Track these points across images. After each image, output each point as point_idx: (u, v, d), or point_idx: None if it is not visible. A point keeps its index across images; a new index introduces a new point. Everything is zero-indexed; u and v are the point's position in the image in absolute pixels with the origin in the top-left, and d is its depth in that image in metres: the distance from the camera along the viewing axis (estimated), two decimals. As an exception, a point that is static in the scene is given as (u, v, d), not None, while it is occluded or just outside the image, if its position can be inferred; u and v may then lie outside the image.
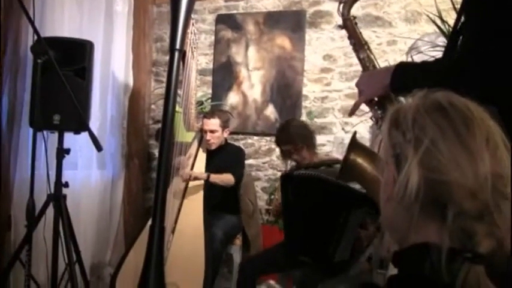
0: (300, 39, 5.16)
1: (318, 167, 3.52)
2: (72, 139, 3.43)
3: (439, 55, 2.57)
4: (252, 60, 5.33)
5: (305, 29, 5.16)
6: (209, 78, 5.52)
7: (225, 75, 5.43)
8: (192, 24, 3.84)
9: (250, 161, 5.14)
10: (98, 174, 4.64)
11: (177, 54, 1.21)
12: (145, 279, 1.15)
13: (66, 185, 3.21)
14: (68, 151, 3.23)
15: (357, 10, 2.12)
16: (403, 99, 1.02)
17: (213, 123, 4.19)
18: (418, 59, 3.74)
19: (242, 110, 5.34)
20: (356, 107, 1.97)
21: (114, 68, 4.85)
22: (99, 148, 2.95)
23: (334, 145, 4.95)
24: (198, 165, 4.13)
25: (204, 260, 3.48)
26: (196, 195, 3.95)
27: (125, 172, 5.10)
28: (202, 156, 4.22)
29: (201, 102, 5.21)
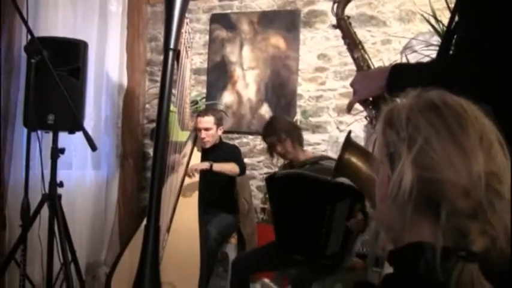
0: (294, 38, 5.16)
1: (303, 166, 3.55)
2: (67, 139, 3.43)
3: (433, 54, 2.58)
4: (246, 60, 5.33)
5: (299, 28, 5.16)
6: (204, 77, 5.51)
7: (219, 74, 5.43)
8: (187, 23, 3.84)
9: (245, 160, 5.12)
10: (93, 174, 4.64)
11: (171, 53, 1.21)
12: (140, 279, 1.15)
13: (61, 184, 3.21)
14: (62, 151, 3.22)
15: (351, 9, 2.12)
16: (397, 99, 1.03)
17: (207, 121, 4.17)
18: (412, 58, 3.75)
19: (237, 109, 5.34)
20: (351, 106, 1.97)
21: (108, 67, 4.84)
22: (93, 148, 2.95)
23: (328, 144, 4.95)
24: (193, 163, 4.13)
25: (200, 259, 3.48)
26: (191, 193, 3.95)
27: (119, 172, 5.09)
28: (197, 156, 4.22)
29: (195, 102, 5.20)
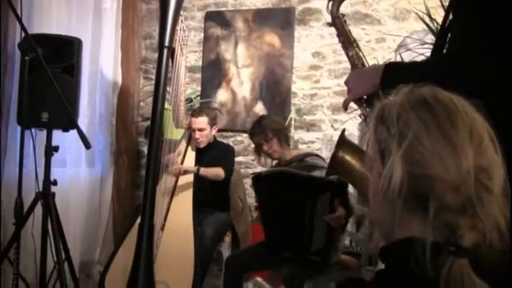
0: (289, 36, 5.16)
1: (289, 164, 3.56)
2: (61, 137, 3.41)
3: (428, 53, 2.59)
4: (241, 58, 5.32)
5: (294, 26, 5.16)
6: (198, 75, 5.51)
7: (214, 72, 5.42)
8: (181, 21, 3.83)
9: (239, 158, 5.13)
10: (87, 171, 4.62)
11: (166, 51, 1.21)
12: (134, 277, 1.14)
13: (54, 182, 3.19)
14: (56, 149, 3.21)
15: (346, 8, 2.12)
16: (391, 96, 1.03)
17: (200, 122, 4.15)
18: (406, 56, 3.76)
19: (231, 107, 5.33)
20: (346, 104, 1.97)
21: (102, 65, 4.83)
22: (87, 146, 2.94)
23: (323, 142, 4.95)
24: (188, 163, 4.12)
25: (194, 257, 3.48)
26: (185, 192, 3.94)
27: (113, 170, 5.08)
28: (191, 155, 4.21)
29: (190, 100, 5.19)
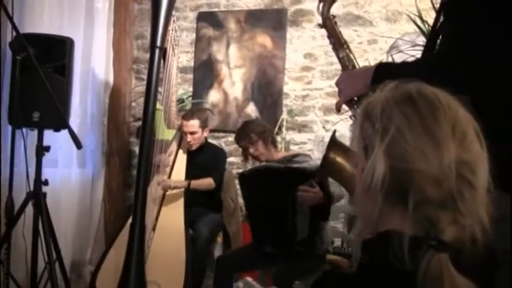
0: (281, 37, 5.16)
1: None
2: (52, 137, 3.40)
3: (419, 54, 2.59)
4: (233, 58, 5.32)
5: (286, 27, 5.16)
6: (190, 76, 5.51)
7: (206, 73, 5.42)
8: (173, 21, 3.83)
9: (231, 159, 5.13)
10: (78, 172, 4.61)
11: (157, 51, 1.21)
12: (126, 278, 1.14)
13: (46, 182, 3.18)
14: (47, 148, 3.20)
15: (337, 9, 2.13)
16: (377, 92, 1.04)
17: (192, 125, 4.13)
18: (398, 58, 3.78)
19: (223, 108, 5.33)
20: (339, 106, 1.97)
21: (94, 65, 4.82)
22: (79, 146, 2.94)
23: (314, 143, 4.96)
24: (179, 165, 4.11)
25: (185, 257, 3.48)
26: (177, 192, 3.94)
27: (105, 170, 5.07)
28: (183, 157, 4.20)
29: (182, 100, 5.19)
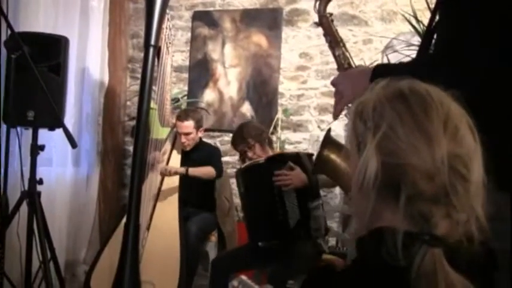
0: (276, 37, 5.16)
1: None
2: (47, 135, 3.39)
3: (414, 54, 2.60)
4: (228, 58, 5.32)
5: (282, 26, 5.16)
6: (185, 75, 5.50)
7: (201, 72, 5.41)
8: (168, 19, 3.82)
9: (226, 158, 5.12)
10: (73, 171, 4.61)
11: (152, 50, 1.21)
12: (120, 277, 1.14)
13: (40, 181, 3.17)
14: (42, 148, 3.19)
15: (333, 9, 2.13)
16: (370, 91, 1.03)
17: (187, 126, 4.10)
18: (393, 58, 3.79)
19: (218, 107, 5.33)
20: (339, 110, 1.95)
21: (89, 64, 4.82)
22: (73, 145, 2.93)
23: (309, 143, 4.97)
24: (174, 164, 4.09)
25: (180, 256, 3.48)
26: (171, 191, 3.93)
27: (100, 169, 5.06)
28: (177, 157, 4.19)
29: (177, 99, 5.18)
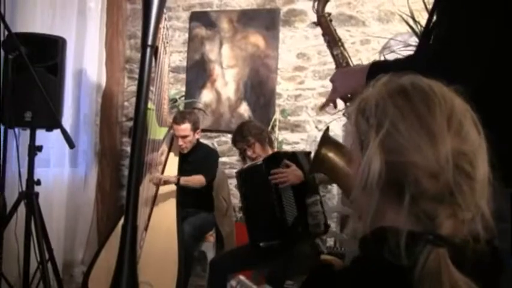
0: (273, 37, 5.16)
1: None
2: (44, 136, 3.39)
3: (411, 54, 2.60)
4: (225, 58, 5.32)
5: (279, 27, 5.16)
6: (183, 75, 5.50)
7: (198, 72, 5.41)
8: (165, 19, 3.82)
9: (223, 159, 5.12)
10: (70, 171, 4.60)
11: (149, 50, 1.21)
12: (118, 278, 1.14)
13: (38, 182, 3.17)
14: (40, 148, 3.19)
15: (330, 9, 2.13)
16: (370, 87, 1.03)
17: (183, 129, 4.08)
18: (390, 58, 3.79)
19: (216, 107, 5.33)
20: (328, 102, 1.97)
21: (87, 64, 4.81)
22: (71, 145, 2.93)
23: (307, 143, 4.97)
24: (171, 165, 4.10)
25: (178, 257, 3.47)
26: (169, 192, 3.93)
27: (97, 170, 5.05)
28: (174, 159, 4.18)
29: (174, 100, 5.18)
